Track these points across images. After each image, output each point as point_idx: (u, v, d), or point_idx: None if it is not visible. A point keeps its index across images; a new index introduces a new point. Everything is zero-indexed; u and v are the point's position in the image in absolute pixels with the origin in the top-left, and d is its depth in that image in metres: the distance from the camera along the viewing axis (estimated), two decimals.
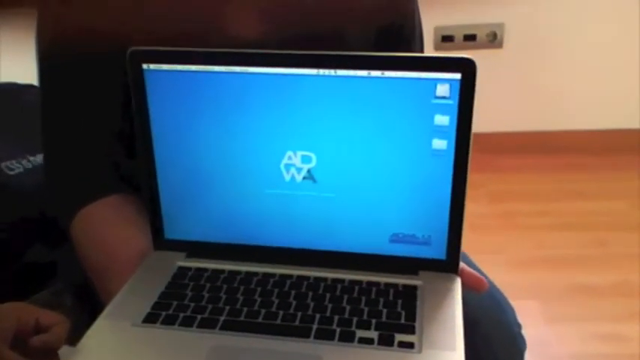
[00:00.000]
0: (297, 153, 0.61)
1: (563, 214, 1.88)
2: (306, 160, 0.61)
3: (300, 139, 0.60)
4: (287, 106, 0.59)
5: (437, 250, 0.62)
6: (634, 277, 1.60)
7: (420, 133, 0.58)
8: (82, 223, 0.70)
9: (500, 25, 2.21)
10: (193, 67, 0.61)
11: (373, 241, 0.62)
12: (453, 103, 0.56)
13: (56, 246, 0.79)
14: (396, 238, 0.62)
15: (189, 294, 0.60)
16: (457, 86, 0.56)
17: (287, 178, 0.62)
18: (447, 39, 2.23)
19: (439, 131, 0.58)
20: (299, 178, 0.62)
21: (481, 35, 2.22)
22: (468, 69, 0.55)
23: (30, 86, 1.06)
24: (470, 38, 2.22)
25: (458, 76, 0.56)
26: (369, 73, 0.57)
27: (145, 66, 0.62)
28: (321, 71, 0.58)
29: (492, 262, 0.85)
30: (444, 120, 0.57)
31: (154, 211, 0.66)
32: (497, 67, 2.23)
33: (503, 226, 1.81)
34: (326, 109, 0.59)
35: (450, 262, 0.61)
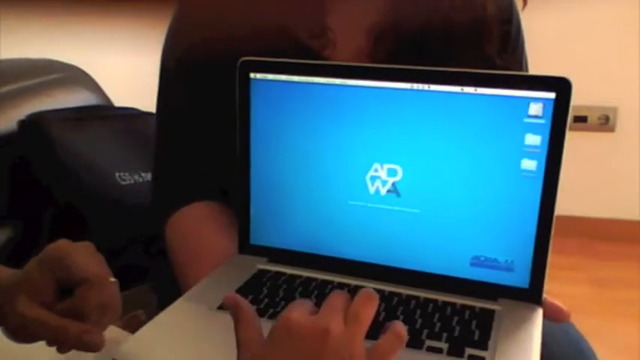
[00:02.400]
0: (383, 165, 0.62)
1: None
2: (392, 173, 0.62)
3: (387, 151, 0.61)
4: (378, 118, 0.61)
5: (519, 278, 0.59)
6: None
7: (510, 152, 0.57)
8: (175, 224, 0.74)
9: (614, 109, 2.15)
10: (294, 78, 0.64)
11: (453, 262, 0.61)
12: (546, 122, 0.56)
13: (150, 249, 0.83)
14: (477, 261, 0.61)
15: (265, 291, 0.61)
16: (551, 106, 0.55)
17: (371, 190, 0.63)
18: (579, 119, 2.18)
19: (529, 152, 0.57)
20: (383, 191, 0.62)
21: (592, 118, 2.17)
22: (563, 88, 0.55)
23: (150, 114, 1.16)
24: (580, 120, 2.17)
25: (552, 95, 0.55)
26: (462, 89, 0.58)
27: (252, 75, 0.66)
28: (415, 86, 0.60)
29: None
30: (535, 140, 0.56)
31: (243, 216, 0.69)
32: (608, 152, 2.15)
33: (604, 312, 1.69)
34: (416, 124, 0.60)
35: (532, 292, 0.59)
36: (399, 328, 0.44)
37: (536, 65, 0.79)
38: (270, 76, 0.65)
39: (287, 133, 0.65)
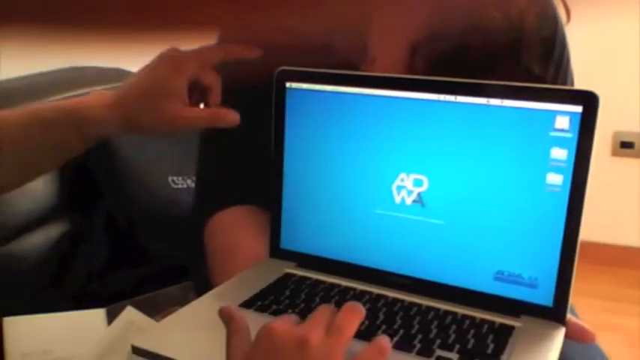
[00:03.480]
0: (409, 175, 0.62)
1: None
2: (417, 183, 0.62)
3: (414, 161, 0.62)
4: (406, 128, 0.62)
5: (543, 296, 0.58)
6: None
7: (536, 166, 0.57)
8: (213, 225, 0.77)
9: None
10: (327, 87, 0.66)
11: (476, 275, 0.60)
12: (572, 136, 0.55)
13: (191, 249, 0.86)
14: (500, 276, 0.60)
15: (287, 293, 0.63)
16: (578, 120, 0.54)
17: (397, 200, 0.63)
18: (626, 145, 2.11)
19: (555, 166, 0.56)
20: (409, 201, 0.63)
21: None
22: (589, 102, 0.54)
23: None
24: (627, 146, 2.08)
25: (579, 109, 0.54)
26: (488, 101, 0.58)
27: (288, 84, 0.68)
28: (442, 97, 0.60)
29: None
30: (561, 154, 0.56)
31: (275, 221, 0.71)
32: None
33: None
34: (443, 135, 0.60)
35: (556, 311, 0.57)
36: (383, 342, 0.44)
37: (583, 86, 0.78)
38: (305, 86, 0.67)
39: (319, 141, 0.67)
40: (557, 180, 0.56)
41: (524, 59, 0.73)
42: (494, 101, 0.58)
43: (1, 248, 0.80)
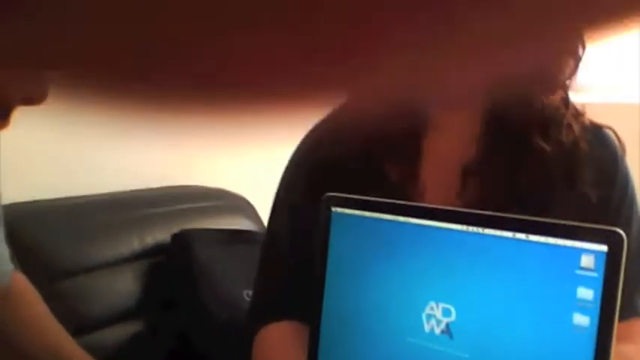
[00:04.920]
0: (439, 305, 0.62)
1: None
2: (446, 313, 0.62)
3: (443, 291, 0.62)
4: (438, 256, 0.63)
5: None
6: None
7: (562, 304, 0.55)
8: (262, 338, 0.80)
9: None
10: (367, 214, 0.69)
11: None
12: (598, 276, 0.53)
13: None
14: None
15: None
16: (602, 259, 0.53)
17: (427, 328, 0.63)
18: None
19: (582, 306, 0.54)
20: (438, 330, 0.62)
21: None
22: (615, 242, 0.52)
23: None
24: None
25: (604, 248, 0.53)
26: (514, 235, 0.58)
27: (333, 209, 0.72)
28: (470, 228, 0.61)
29: None
30: (587, 294, 0.54)
31: (312, 343, 0.72)
32: None
33: None
34: (470, 266, 0.60)
35: None
36: None
37: None
38: (348, 211, 0.71)
39: (359, 265, 0.69)
40: (584, 321, 0.54)
41: (579, 185, 0.73)
42: (520, 235, 0.57)
43: (79, 339, 0.86)
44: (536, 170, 0.74)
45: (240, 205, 1.51)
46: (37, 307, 0.74)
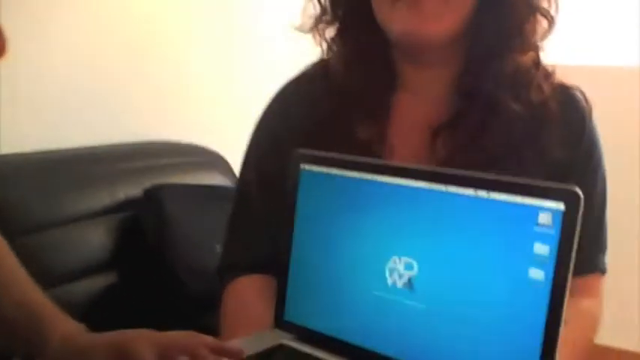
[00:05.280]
0: (401, 259, 0.64)
1: None
2: (408, 267, 0.63)
3: (405, 246, 0.63)
4: (401, 213, 0.64)
5: None
6: None
7: (519, 259, 0.57)
8: (230, 290, 0.81)
9: None
10: (336, 172, 0.70)
11: None
12: (554, 233, 0.55)
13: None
14: None
15: None
16: (559, 217, 0.54)
17: (389, 282, 0.64)
18: None
19: (537, 261, 0.56)
20: (400, 283, 0.64)
21: None
22: (572, 200, 0.54)
23: None
24: None
25: (562, 206, 0.55)
26: (476, 192, 0.59)
27: (302, 166, 0.73)
28: (433, 185, 0.62)
29: None
30: (543, 250, 0.55)
31: (280, 294, 0.74)
32: None
33: None
34: (433, 222, 0.62)
35: None
36: None
37: None
38: (317, 168, 0.71)
39: (325, 221, 0.70)
40: (538, 275, 0.56)
41: (545, 144, 0.74)
42: (481, 193, 0.59)
43: (49, 291, 0.87)
44: (505, 130, 0.75)
45: (214, 160, 1.51)
46: (6, 260, 0.74)
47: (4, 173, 1.08)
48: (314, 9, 0.82)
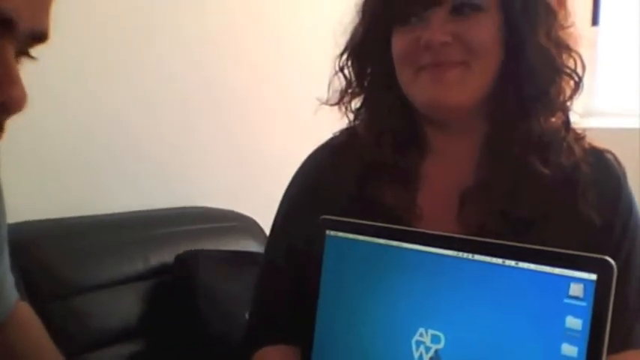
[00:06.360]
0: (428, 331, 0.61)
1: None
2: (435, 340, 0.61)
3: (432, 317, 0.61)
4: (427, 282, 0.62)
5: None
6: None
7: (550, 333, 0.54)
8: None
9: None
10: (360, 237, 0.68)
11: None
12: (587, 305, 0.52)
13: None
14: None
15: None
16: (592, 288, 0.52)
17: (416, 355, 0.62)
18: None
19: (570, 336, 0.53)
20: (426, 358, 0.61)
21: None
22: (604, 270, 0.51)
23: None
24: None
25: (593, 276, 0.52)
26: (504, 262, 0.57)
27: (328, 232, 0.72)
28: (460, 254, 0.60)
29: None
30: (575, 324, 0.52)
31: None
32: None
33: None
34: (460, 292, 0.59)
35: None
36: None
37: None
38: (343, 235, 0.70)
39: (351, 289, 0.68)
40: (571, 352, 0.53)
41: (580, 209, 0.71)
42: (509, 262, 0.57)
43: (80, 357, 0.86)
44: (537, 195, 0.73)
45: (247, 226, 1.51)
46: (32, 329, 0.74)
47: (41, 238, 1.10)
48: (339, 83, 0.83)
